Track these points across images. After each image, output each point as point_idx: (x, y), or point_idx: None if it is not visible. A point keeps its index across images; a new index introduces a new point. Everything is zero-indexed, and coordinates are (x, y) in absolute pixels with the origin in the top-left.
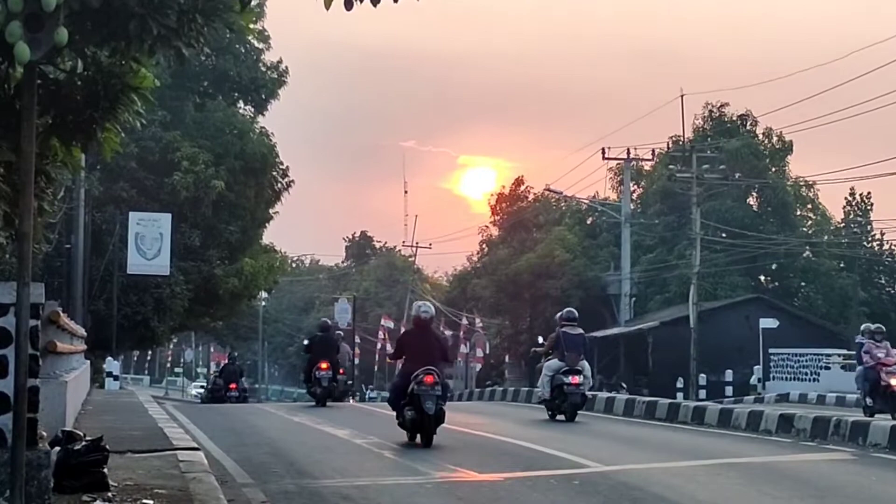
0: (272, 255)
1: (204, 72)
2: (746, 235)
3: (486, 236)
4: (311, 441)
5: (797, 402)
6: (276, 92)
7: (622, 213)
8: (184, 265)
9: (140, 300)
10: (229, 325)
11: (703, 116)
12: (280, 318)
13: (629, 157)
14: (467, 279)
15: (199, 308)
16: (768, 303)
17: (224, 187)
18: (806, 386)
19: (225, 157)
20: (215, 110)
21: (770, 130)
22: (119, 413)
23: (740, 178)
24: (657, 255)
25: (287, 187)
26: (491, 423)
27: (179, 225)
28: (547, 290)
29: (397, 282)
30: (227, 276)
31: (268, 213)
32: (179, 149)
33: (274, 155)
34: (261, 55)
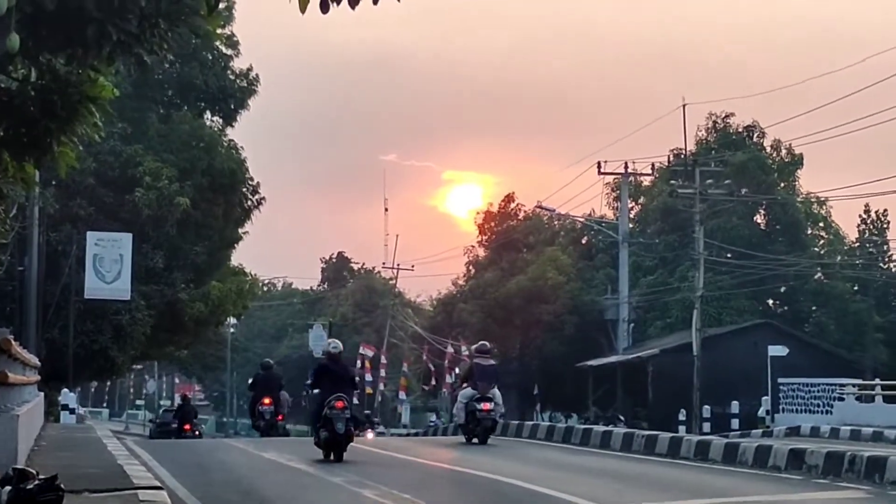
0: (242, 277)
1: (168, 80)
2: (753, 256)
3: (472, 257)
4: (283, 478)
5: (809, 435)
6: (245, 102)
7: (619, 232)
8: (146, 289)
9: (98, 327)
10: (195, 353)
11: (707, 127)
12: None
13: (627, 172)
14: (453, 304)
15: (162, 336)
16: (777, 329)
17: (189, 205)
18: (818, 418)
19: (191, 172)
20: (180, 122)
21: (779, 142)
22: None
23: (747, 194)
24: (657, 277)
25: (258, 205)
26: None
27: (141, 246)
28: (539, 316)
29: (377, 306)
30: (193, 301)
31: (237, 232)
32: (141, 163)
33: (244, 170)
34: (229, 62)
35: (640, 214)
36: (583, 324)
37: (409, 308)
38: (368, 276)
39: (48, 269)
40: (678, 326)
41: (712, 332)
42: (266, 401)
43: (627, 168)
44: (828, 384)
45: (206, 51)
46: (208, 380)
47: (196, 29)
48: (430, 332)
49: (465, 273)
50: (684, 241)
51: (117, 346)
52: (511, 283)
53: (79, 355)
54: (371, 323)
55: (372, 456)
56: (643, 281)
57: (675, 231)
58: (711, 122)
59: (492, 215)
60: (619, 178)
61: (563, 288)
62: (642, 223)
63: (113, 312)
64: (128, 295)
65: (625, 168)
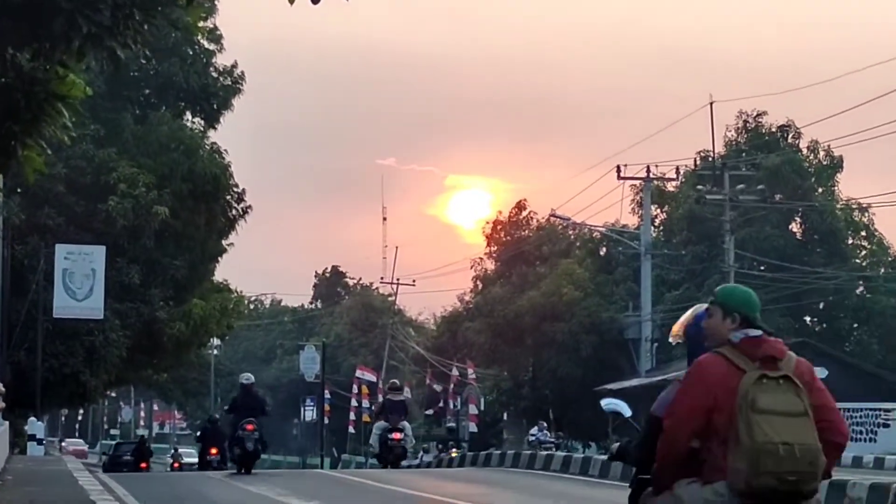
0: (226, 294)
1: (144, 78)
2: (789, 268)
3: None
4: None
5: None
6: (229, 101)
7: (641, 243)
8: (121, 307)
9: (69, 349)
10: (175, 378)
11: (737, 127)
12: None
13: (649, 176)
14: (458, 322)
15: (139, 358)
16: (815, 348)
17: (169, 214)
18: (861, 447)
19: (170, 178)
20: (158, 123)
21: (816, 143)
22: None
23: (781, 201)
24: (683, 292)
25: (243, 214)
26: None
27: (115, 259)
28: (553, 335)
29: (375, 325)
30: (173, 320)
31: (220, 244)
32: (116, 169)
33: (228, 176)
34: (212, 58)
35: (665, 223)
36: (601, 344)
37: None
38: (365, 293)
39: (13, 285)
40: None
41: None
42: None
43: (650, 172)
44: (871, 409)
45: (186, 45)
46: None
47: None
48: (434, 353)
49: (472, 288)
50: (713, 252)
51: (90, 369)
52: (522, 300)
53: (47, 380)
54: (368, 343)
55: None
56: (668, 296)
57: (702, 241)
58: (742, 122)
59: (501, 224)
60: (640, 184)
61: (579, 304)
62: (667, 232)
63: (85, 333)
64: (101, 313)
65: (647, 172)
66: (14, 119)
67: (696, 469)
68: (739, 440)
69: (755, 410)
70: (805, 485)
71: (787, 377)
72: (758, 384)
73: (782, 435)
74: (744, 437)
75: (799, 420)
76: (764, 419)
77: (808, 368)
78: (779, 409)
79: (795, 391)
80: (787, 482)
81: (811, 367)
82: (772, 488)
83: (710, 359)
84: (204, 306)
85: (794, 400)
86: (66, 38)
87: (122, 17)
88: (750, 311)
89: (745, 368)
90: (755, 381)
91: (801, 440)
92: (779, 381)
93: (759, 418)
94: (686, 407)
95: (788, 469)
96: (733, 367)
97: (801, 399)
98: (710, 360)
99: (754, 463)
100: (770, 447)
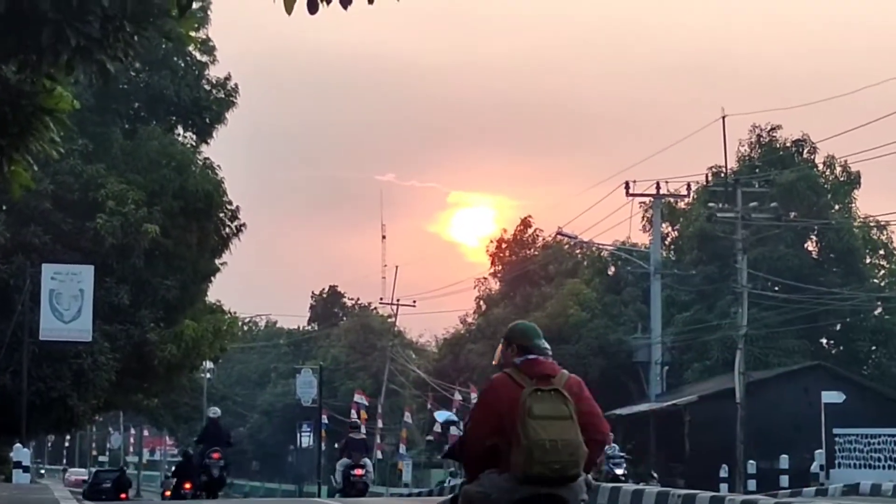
0: (219, 315)
1: (134, 91)
2: (804, 289)
3: (483, 291)
4: None
5: (869, 494)
6: (223, 115)
7: (651, 262)
8: (110, 329)
9: (56, 372)
10: (166, 403)
11: (750, 142)
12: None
13: (659, 193)
14: (461, 344)
15: (129, 382)
16: (832, 372)
17: (159, 232)
18: (879, 475)
19: (160, 195)
20: (148, 138)
21: (832, 159)
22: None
23: (796, 218)
24: (695, 313)
25: (237, 232)
26: None
27: (104, 279)
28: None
29: (374, 348)
30: (164, 343)
31: (213, 264)
32: (104, 185)
33: (221, 193)
34: (204, 70)
35: (675, 241)
36: (609, 367)
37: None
38: (364, 314)
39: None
40: (719, 370)
41: (758, 376)
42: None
43: (659, 188)
44: (890, 435)
45: (177, 57)
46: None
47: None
48: (435, 376)
49: (475, 309)
50: (725, 271)
51: (77, 393)
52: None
53: (33, 404)
54: (367, 367)
55: None
56: (678, 318)
57: (714, 260)
58: (755, 136)
59: (506, 243)
60: (650, 200)
61: (586, 326)
62: (677, 251)
63: (72, 356)
64: (89, 336)
65: (656, 188)
66: (0, 133)
67: (497, 462)
68: (519, 439)
69: (531, 416)
70: (567, 471)
71: (556, 390)
72: (533, 395)
73: (550, 434)
74: (522, 436)
75: (564, 422)
76: (537, 423)
77: (576, 383)
78: (548, 414)
79: (563, 401)
80: (554, 469)
81: (580, 382)
82: (542, 474)
83: (499, 378)
84: (196, 328)
85: (561, 407)
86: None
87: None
88: (525, 340)
89: (524, 384)
90: (531, 394)
91: (564, 437)
92: (550, 393)
93: (534, 422)
94: (481, 414)
95: (553, 459)
96: (516, 384)
97: (567, 407)
98: (499, 379)
99: (528, 456)
100: (540, 443)
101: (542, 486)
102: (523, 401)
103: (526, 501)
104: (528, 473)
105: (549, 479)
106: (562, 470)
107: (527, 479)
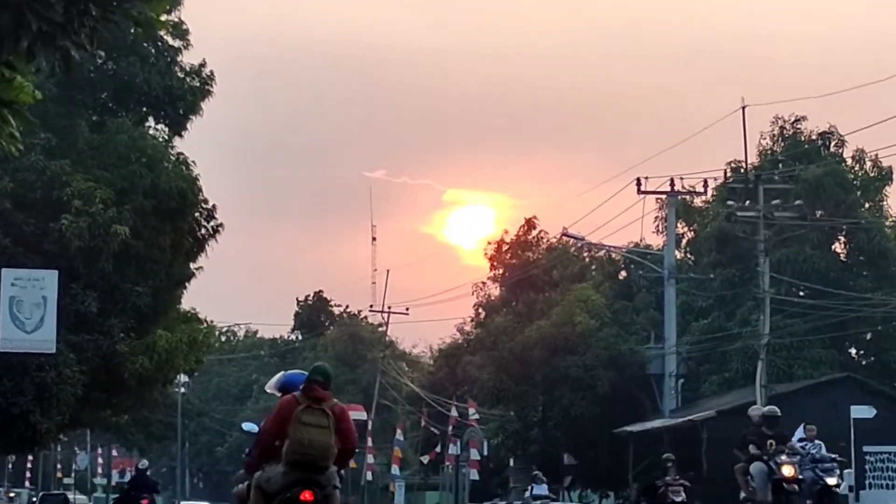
0: (195, 325)
1: (101, 80)
2: (832, 294)
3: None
4: None
5: None
6: (197, 106)
7: (665, 265)
8: (76, 339)
9: (17, 387)
10: (138, 420)
11: (772, 135)
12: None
13: (673, 190)
14: (457, 355)
15: (97, 397)
16: (862, 384)
17: (129, 234)
18: None
19: (130, 193)
20: (117, 131)
21: (862, 153)
22: None
23: (822, 217)
24: (713, 320)
25: (214, 233)
26: None
27: (70, 286)
28: (565, 370)
29: (363, 359)
30: (135, 354)
31: (188, 268)
32: (69, 183)
33: (196, 191)
34: (177, 56)
35: (691, 243)
36: (620, 380)
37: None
38: (352, 322)
39: None
40: (739, 382)
41: (781, 390)
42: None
43: (674, 185)
44: None
45: (147, 43)
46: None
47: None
48: (430, 390)
49: (473, 317)
50: (746, 275)
51: (40, 409)
52: (530, 330)
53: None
54: (357, 380)
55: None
56: (695, 326)
57: (733, 263)
58: (778, 129)
59: (506, 245)
60: (663, 199)
61: (595, 335)
62: (693, 254)
63: (35, 368)
64: (53, 346)
65: (671, 185)
66: None
67: (277, 456)
68: (289, 437)
69: (300, 423)
70: (318, 463)
71: (322, 409)
72: (305, 410)
73: (310, 435)
74: (291, 435)
75: (322, 430)
76: (304, 427)
77: (340, 409)
78: (312, 423)
79: (325, 417)
80: (306, 457)
81: (343, 409)
82: (300, 462)
83: (287, 398)
84: (170, 338)
85: (322, 420)
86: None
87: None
88: (314, 375)
89: (302, 403)
90: (304, 409)
91: (319, 440)
92: (317, 410)
93: (301, 427)
94: (273, 421)
95: (308, 453)
96: (297, 402)
97: (328, 421)
98: (286, 398)
99: (291, 449)
100: (300, 440)
101: (303, 471)
102: (297, 413)
103: (294, 483)
104: (290, 460)
105: (306, 466)
106: (314, 461)
107: (290, 465)
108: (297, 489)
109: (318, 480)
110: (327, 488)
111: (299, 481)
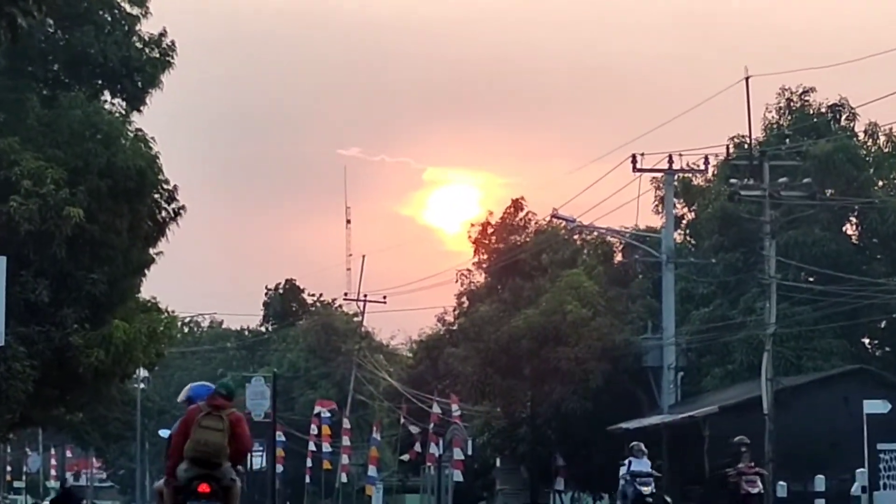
0: (154, 315)
1: (53, 51)
2: (843, 279)
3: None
4: None
5: None
6: (157, 78)
7: (663, 249)
8: (26, 331)
9: None
10: (94, 418)
11: (778, 108)
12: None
13: (672, 168)
14: (439, 347)
15: (49, 393)
16: (876, 377)
17: (83, 217)
18: None
19: (85, 173)
20: (70, 106)
21: (875, 127)
22: None
23: (832, 197)
24: (715, 308)
25: (175, 216)
26: None
27: (19, 273)
28: (555, 363)
29: (337, 352)
30: (90, 347)
31: (148, 254)
32: (18, 162)
33: (156, 170)
34: (135, 25)
35: (691, 224)
36: (615, 372)
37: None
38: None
39: None
40: (743, 375)
41: (789, 383)
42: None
43: (672, 162)
44: None
45: (103, 10)
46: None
47: None
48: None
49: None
50: (750, 259)
51: None
52: (518, 319)
53: None
54: (330, 374)
55: None
56: (695, 314)
57: (737, 247)
58: (784, 101)
59: (491, 228)
60: (661, 177)
61: (587, 325)
62: (695, 236)
63: None
64: (1, 339)
65: (669, 162)
66: None
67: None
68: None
69: (199, 426)
70: (212, 459)
71: (220, 416)
72: (205, 416)
73: (205, 436)
74: (191, 436)
75: (217, 433)
76: (202, 430)
77: (237, 417)
78: (209, 426)
79: (221, 421)
80: (200, 454)
81: (240, 417)
82: (196, 458)
83: (193, 407)
84: (127, 329)
85: (218, 424)
86: None
87: None
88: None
89: (204, 410)
90: (204, 415)
91: (212, 440)
92: (215, 416)
93: (200, 430)
94: (181, 427)
95: (202, 450)
96: (199, 410)
97: (223, 425)
98: (193, 407)
99: (191, 446)
100: (198, 440)
101: (201, 467)
102: (198, 419)
103: (194, 478)
104: (189, 456)
105: (202, 462)
106: (209, 458)
107: (190, 461)
108: (195, 482)
109: (214, 475)
110: (223, 481)
111: (198, 476)
